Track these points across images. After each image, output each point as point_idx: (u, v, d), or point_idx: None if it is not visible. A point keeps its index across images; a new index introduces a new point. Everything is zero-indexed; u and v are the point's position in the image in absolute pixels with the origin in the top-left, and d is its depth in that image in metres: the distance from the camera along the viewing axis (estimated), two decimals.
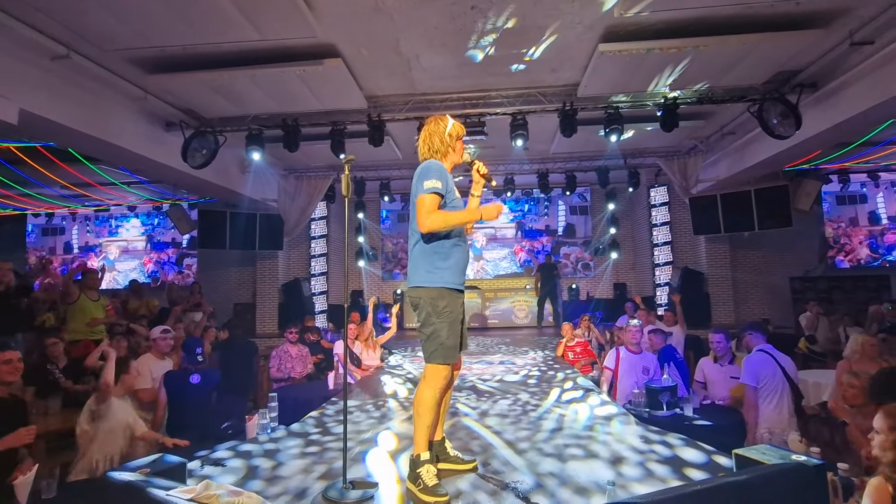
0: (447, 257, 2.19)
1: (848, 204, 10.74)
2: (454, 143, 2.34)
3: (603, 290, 11.12)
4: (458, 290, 2.23)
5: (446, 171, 2.25)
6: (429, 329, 2.16)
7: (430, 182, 2.14)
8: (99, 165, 7.95)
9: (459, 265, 2.24)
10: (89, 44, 4.64)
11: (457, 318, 2.18)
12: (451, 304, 2.17)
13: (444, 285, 2.17)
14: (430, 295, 2.17)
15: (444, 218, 2.13)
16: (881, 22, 4.39)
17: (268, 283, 10.15)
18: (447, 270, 2.19)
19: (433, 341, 2.15)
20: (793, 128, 5.55)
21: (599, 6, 4.32)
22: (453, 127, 2.35)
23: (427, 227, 2.12)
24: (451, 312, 2.16)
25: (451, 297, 2.18)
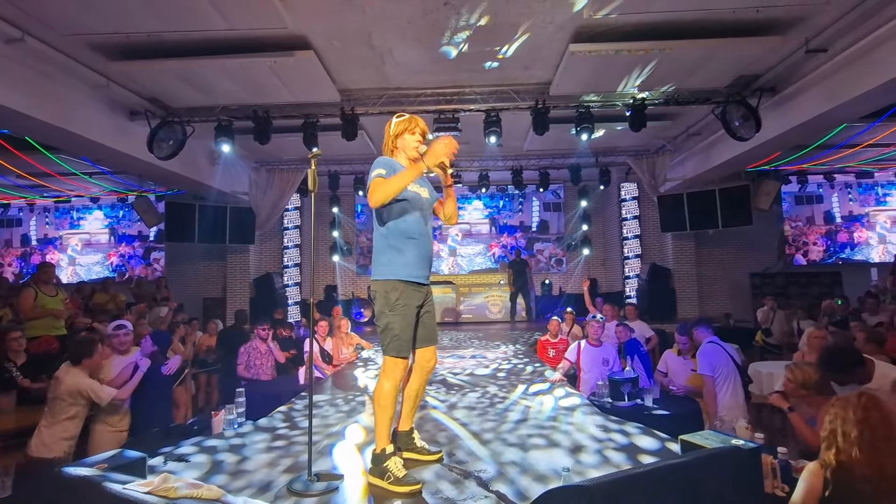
0: (402, 252, 2.19)
1: (805, 204, 11.26)
2: (396, 141, 2.32)
3: (575, 286, 11.34)
4: (415, 282, 2.21)
5: (395, 162, 2.26)
6: (383, 322, 2.19)
7: (374, 171, 2.16)
8: (58, 155, 7.65)
9: (416, 259, 2.21)
10: (46, 27, 4.45)
11: (411, 311, 2.18)
12: (405, 296, 2.16)
13: (397, 277, 2.17)
14: (385, 287, 2.18)
15: (384, 186, 2.09)
16: (833, 31, 4.61)
17: (238, 278, 9.98)
18: (402, 263, 2.18)
19: (387, 334, 2.16)
20: (753, 130, 5.78)
21: (570, 6, 4.40)
22: (395, 126, 2.34)
23: (374, 201, 2.10)
24: (404, 306, 2.15)
25: (406, 290, 2.17)
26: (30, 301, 5.06)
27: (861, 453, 1.58)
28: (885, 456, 1.56)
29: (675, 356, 4.40)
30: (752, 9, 4.37)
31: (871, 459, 1.56)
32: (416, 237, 2.22)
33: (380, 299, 2.20)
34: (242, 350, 5.25)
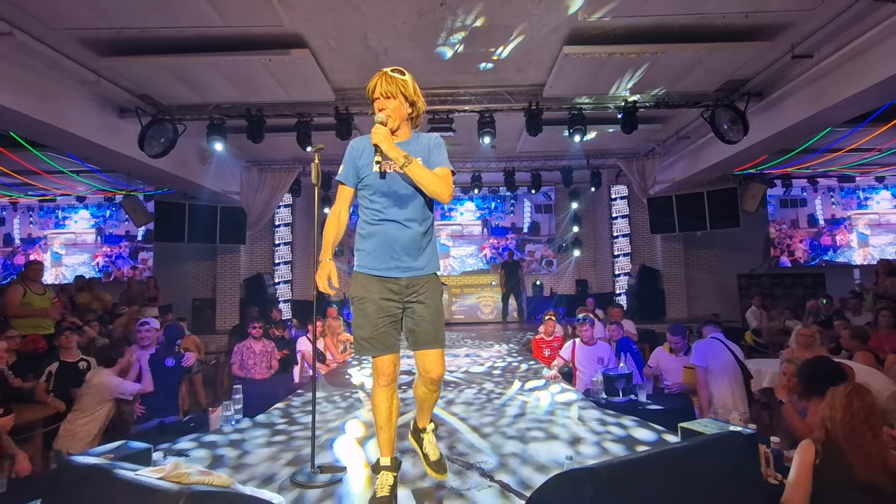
0: (364, 239, 2.01)
1: (790, 207, 11.50)
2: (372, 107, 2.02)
3: (566, 287, 11.46)
4: (375, 275, 1.97)
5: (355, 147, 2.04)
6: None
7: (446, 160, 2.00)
8: (44, 152, 7.52)
9: (374, 249, 1.96)
10: (36, 21, 4.39)
11: (370, 306, 1.94)
12: (363, 290, 1.96)
13: (357, 269, 2.02)
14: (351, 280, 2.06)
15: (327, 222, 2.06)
16: (819, 37, 4.75)
17: (229, 278, 9.88)
18: (362, 253, 2.00)
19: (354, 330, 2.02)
20: (741, 133, 5.91)
21: (565, 9, 4.47)
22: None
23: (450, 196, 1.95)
24: (359, 299, 1.97)
25: (365, 283, 1.97)
26: (17, 298, 4.97)
27: (843, 433, 1.81)
28: (863, 437, 1.79)
29: (666, 354, 4.47)
30: (741, 14, 4.48)
31: (852, 438, 1.80)
32: (377, 223, 1.97)
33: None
34: (236, 349, 5.22)
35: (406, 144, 1.97)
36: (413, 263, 1.96)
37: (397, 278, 1.95)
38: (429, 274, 2.00)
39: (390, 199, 1.97)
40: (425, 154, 1.99)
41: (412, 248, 1.96)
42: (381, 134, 1.85)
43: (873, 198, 11.50)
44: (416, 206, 1.98)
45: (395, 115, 1.94)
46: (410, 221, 1.96)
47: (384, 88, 1.93)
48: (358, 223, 2.02)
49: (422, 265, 1.98)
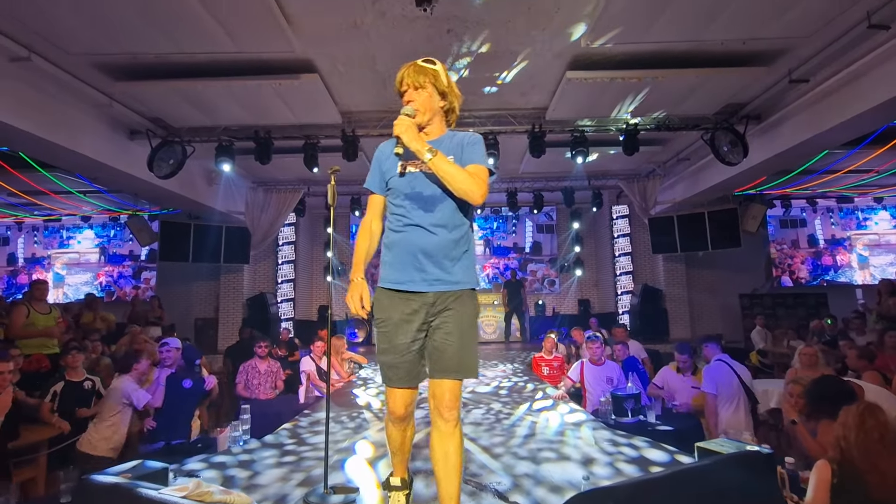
0: (387, 249, 1.80)
1: (790, 227, 11.58)
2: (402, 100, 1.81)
3: (568, 306, 11.44)
4: (397, 290, 1.72)
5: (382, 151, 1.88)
6: None
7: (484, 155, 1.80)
8: (53, 172, 7.62)
9: (399, 257, 1.73)
10: (54, 47, 4.51)
11: (393, 327, 1.70)
12: (384, 309, 1.74)
13: (379, 285, 1.79)
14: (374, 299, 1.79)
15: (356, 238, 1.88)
16: (815, 63, 4.88)
17: (232, 298, 9.88)
18: (385, 265, 1.79)
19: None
20: (741, 155, 6.01)
21: (568, 36, 4.61)
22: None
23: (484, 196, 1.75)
24: (382, 321, 1.74)
25: (387, 301, 1.75)
26: (21, 319, 4.98)
27: (858, 452, 1.81)
28: (878, 456, 1.80)
29: (674, 373, 4.46)
30: (739, 41, 4.61)
31: (867, 457, 1.80)
32: (400, 230, 1.75)
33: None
34: (242, 369, 5.19)
35: (438, 142, 1.75)
36: (442, 275, 1.68)
37: (423, 293, 1.69)
38: (463, 289, 1.72)
39: (414, 201, 1.73)
40: (458, 151, 1.77)
41: (440, 257, 1.69)
42: (403, 125, 1.64)
43: (872, 218, 11.59)
44: (446, 209, 1.73)
45: (425, 107, 1.74)
46: (437, 227, 1.70)
47: (413, 78, 1.74)
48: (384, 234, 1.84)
49: (454, 278, 1.70)
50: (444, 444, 1.66)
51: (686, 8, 3.98)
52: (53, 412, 3.99)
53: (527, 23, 4.43)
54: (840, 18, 4.19)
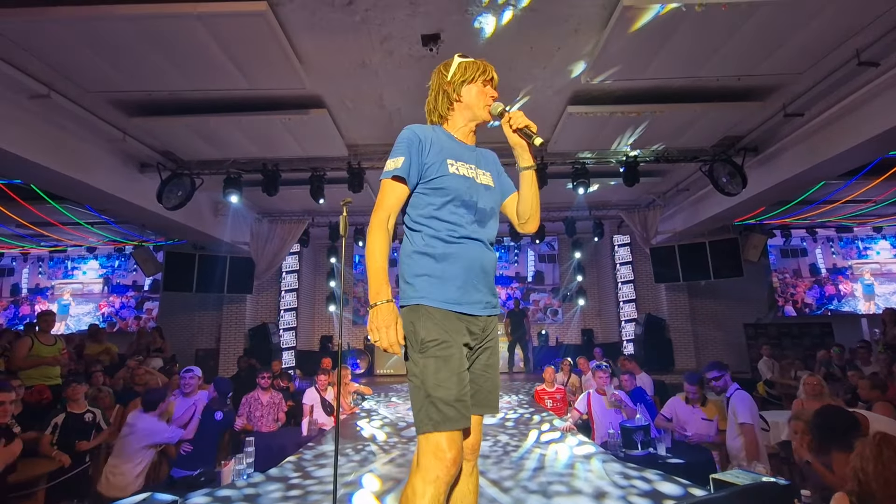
0: (435, 261, 1.49)
1: (791, 257, 11.62)
2: (459, 89, 1.65)
3: (571, 336, 11.36)
4: (457, 312, 1.46)
5: (421, 137, 1.58)
6: (410, 374, 1.45)
7: (392, 160, 1.53)
8: (63, 204, 7.75)
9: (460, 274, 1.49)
10: (73, 84, 4.66)
11: (456, 353, 1.41)
12: (444, 330, 1.42)
13: (426, 301, 1.45)
14: (408, 318, 1.47)
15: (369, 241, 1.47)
16: (809, 97, 5.03)
17: (234, 328, 9.85)
18: (432, 280, 1.47)
19: (416, 394, 1.41)
20: (740, 186, 6.12)
21: (568, 74, 4.78)
22: (458, 68, 1.66)
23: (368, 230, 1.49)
24: (441, 345, 1.40)
25: (444, 322, 1.44)
26: (24, 350, 4.98)
27: (877, 484, 1.80)
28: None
29: (683, 404, 4.40)
30: (734, 77, 4.77)
31: (886, 488, 1.78)
32: (460, 241, 1.52)
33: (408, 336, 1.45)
34: (244, 401, 5.13)
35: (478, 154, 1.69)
36: (493, 299, 1.56)
37: (478, 317, 1.51)
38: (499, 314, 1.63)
39: (471, 211, 1.55)
40: (495, 172, 1.69)
41: (493, 279, 1.59)
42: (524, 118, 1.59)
43: (873, 248, 11.64)
44: (494, 227, 1.62)
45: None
46: (492, 245, 1.59)
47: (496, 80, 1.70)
48: (418, 239, 1.53)
49: (497, 302, 1.59)
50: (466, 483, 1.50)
51: (680, 48, 4.14)
52: (53, 445, 3.94)
53: (529, 61, 4.61)
54: (830, 56, 4.35)
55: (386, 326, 1.38)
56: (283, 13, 3.85)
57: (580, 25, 4.09)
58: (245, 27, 3.80)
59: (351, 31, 4.10)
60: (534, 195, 1.65)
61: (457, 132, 1.68)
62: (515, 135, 1.62)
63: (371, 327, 1.40)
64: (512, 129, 1.62)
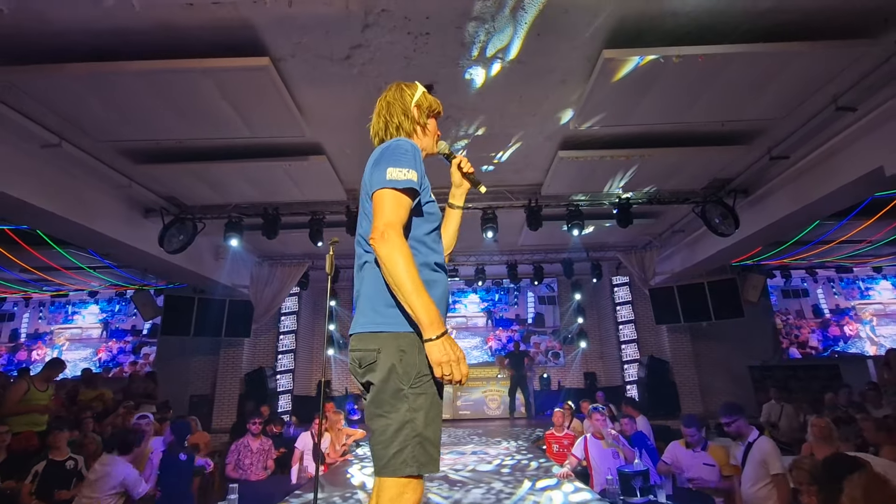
0: (430, 285, 1.36)
1: (793, 297, 11.55)
2: (424, 118, 1.64)
3: (574, 380, 11.14)
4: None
5: (419, 154, 1.52)
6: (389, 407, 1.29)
7: (400, 170, 1.38)
8: (67, 249, 7.88)
9: (444, 303, 1.45)
10: (83, 134, 4.85)
11: (439, 392, 1.36)
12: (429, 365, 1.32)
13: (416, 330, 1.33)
14: (398, 345, 1.33)
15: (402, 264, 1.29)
16: (792, 141, 5.18)
17: (230, 374, 9.72)
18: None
19: (397, 431, 1.27)
20: (732, 227, 6.20)
21: (557, 120, 4.98)
22: (423, 96, 1.65)
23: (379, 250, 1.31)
24: (432, 379, 1.32)
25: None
26: (18, 395, 4.93)
27: None
28: None
29: (683, 449, 4.26)
30: (718, 122, 4.95)
31: None
32: (437, 270, 1.47)
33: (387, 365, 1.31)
34: (233, 448, 5.01)
35: None
36: None
37: None
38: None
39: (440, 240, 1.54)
40: None
41: None
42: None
43: (875, 287, 11.58)
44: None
45: None
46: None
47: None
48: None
49: None
50: None
51: (663, 96, 4.33)
52: (32, 494, 3.83)
53: (519, 109, 4.82)
54: (809, 102, 4.53)
55: (457, 360, 1.26)
56: (285, 68, 4.08)
57: (566, 76, 4.31)
58: (248, 81, 4.01)
59: (349, 83, 4.33)
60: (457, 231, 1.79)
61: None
62: (462, 177, 1.74)
63: (439, 361, 1.25)
64: (462, 173, 1.73)
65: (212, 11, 3.48)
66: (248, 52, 3.83)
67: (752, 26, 3.69)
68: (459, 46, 3.94)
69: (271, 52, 3.89)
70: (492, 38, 3.86)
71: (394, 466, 1.25)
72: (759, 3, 3.48)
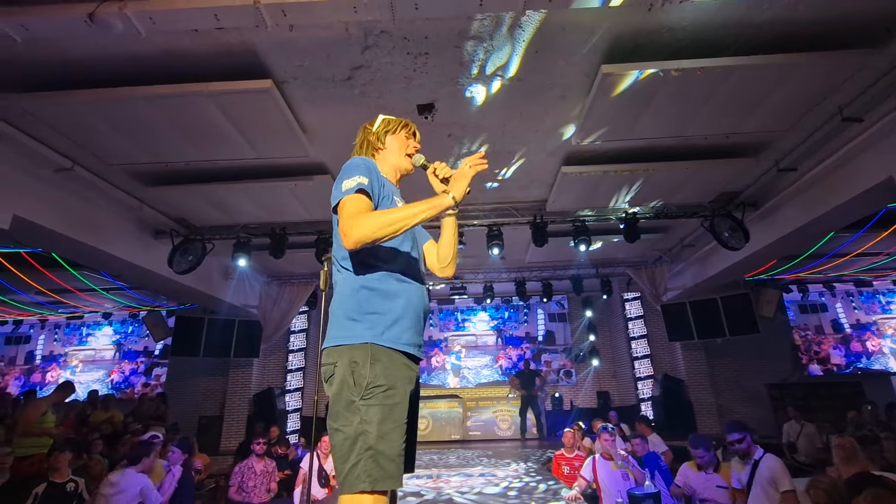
0: (390, 296, 1.44)
1: (811, 312, 11.24)
2: (383, 139, 1.76)
3: (586, 399, 10.90)
4: (408, 354, 1.43)
5: (377, 168, 1.65)
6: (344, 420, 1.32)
7: (350, 180, 1.49)
8: (80, 271, 8.03)
9: (411, 313, 1.47)
10: (95, 158, 4.99)
11: (401, 401, 1.34)
12: (390, 377, 1.34)
13: (377, 341, 1.37)
14: (351, 356, 1.36)
15: (380, 221, 1.38)
16: (799, 153, 5.11)
17: (239, 394, 9.70)
18: (384, 318, 1.41)
19: (349, 445, 1.28)
20: (742, 240, 6.09)
21: (559, 136, 4.99)
22: (382, 122, 1.79)
23: (354, 238, 1.37)
24: (387, 392, 1.32)
25: (391, 367, 1.36)
26: (36, 417, 4.96)
27: None
28: None
29: (693, 471, 4.10)
30: (722, 135, 4.91)
31: None
32: (410, 281, 1.51)
33: (339, 378, 1.35)
34: (236, 470, 4.96)
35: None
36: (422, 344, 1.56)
37: (417, 363, 1.50)
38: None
39: (412, 253, 1.57)
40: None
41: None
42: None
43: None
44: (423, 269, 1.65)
45: None
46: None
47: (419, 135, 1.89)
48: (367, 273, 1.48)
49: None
50: None
51: (664, 110, 4.32)
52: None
53: (521, 126, 4.84)
54: (813, 113, 4.48)
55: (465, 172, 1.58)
56: (288, 89, 4.17)
57: (566, 92, 4.33)
58: (252, 103, 4.10)
59: (350, 103, 4.40)
60: (455, 239, 1.77)
61: (388, 171, 1.78)
62: (442, 184, 1.73)
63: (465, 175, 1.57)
64: (439, 179, 1.73)
65: (216, 37, 3.58)
66: (252, 76, 3.93)
67: (751, 39, 3.68)
68: (458, 65, 3.99)
69: (274, 74, 3.98)
70: (490, 57, 3.91)
71: (350, 482, 1.26)
72: (757, 16, 3.48)
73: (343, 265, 1.56)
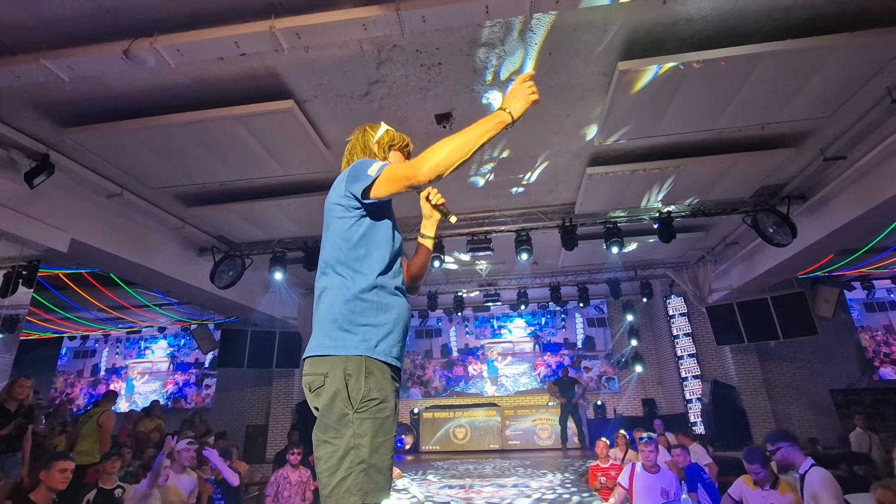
0: (384, 309, 1.43)
1: (878, 311, 10.37)
2: (384, 153, 1.73)
3: (630, 407, 10.50)
4: (396, 367, 1.42)
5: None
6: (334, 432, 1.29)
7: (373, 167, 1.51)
8: (134, 288, 8.58)
9: (400, 326, 1.46)
10: (140, 183, 5.36)
11: (391, 416, 1.34)
12: (382, 388, 1.34)
13: (370, 354, 1.35)
14: (344, 368, 1.33)
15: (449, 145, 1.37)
16: (846, 140, 4.76)
17: (282, 404, 10.02)
18: (380, 329, 1.39)
19: (340, 458, 1.26)
20: (789, 236, 5.71)
21: (582, 137, 4.88)
22: (386, 133, 1.75)
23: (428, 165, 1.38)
24: (380, 405, 1.32)
25: (382, 380, 1.35)
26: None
27: None
28: None
29: (749, 488, 3.80)
30: (757, 126, 4.64)
31: None
32: (401, 294, 1.52)
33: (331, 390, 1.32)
34: (272, 480, 5.08)
35: None
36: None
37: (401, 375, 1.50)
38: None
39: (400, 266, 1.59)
40: None
41: None
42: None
43: None
44: None
45: None
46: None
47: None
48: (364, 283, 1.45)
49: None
50: None
51: (689, 104, 4.14)
52: None
53: (542, 129, 4.77)
54: (858, 97, 4.17)
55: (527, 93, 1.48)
56: (309, 108, 4.32)
57: (584, 93, 4.24)
58: (276, 123, 4.27)
59: (370, 117, 4.48)
60: (428, 261, 1.80)
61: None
62: (433, 209, 1.78)
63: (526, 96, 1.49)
64: (431, 204, 1.76)
65: (240, 63, 3.77)
66: (275, 97, 4.10)
67: (778, 24, 3.48)
68: (472, 73, 4.00)
69: (296, 94, 4.14)
70: (504, 62, 3.89)
71: (337, 495, 1.24)
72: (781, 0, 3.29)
73: (338, 270, 1.51)
